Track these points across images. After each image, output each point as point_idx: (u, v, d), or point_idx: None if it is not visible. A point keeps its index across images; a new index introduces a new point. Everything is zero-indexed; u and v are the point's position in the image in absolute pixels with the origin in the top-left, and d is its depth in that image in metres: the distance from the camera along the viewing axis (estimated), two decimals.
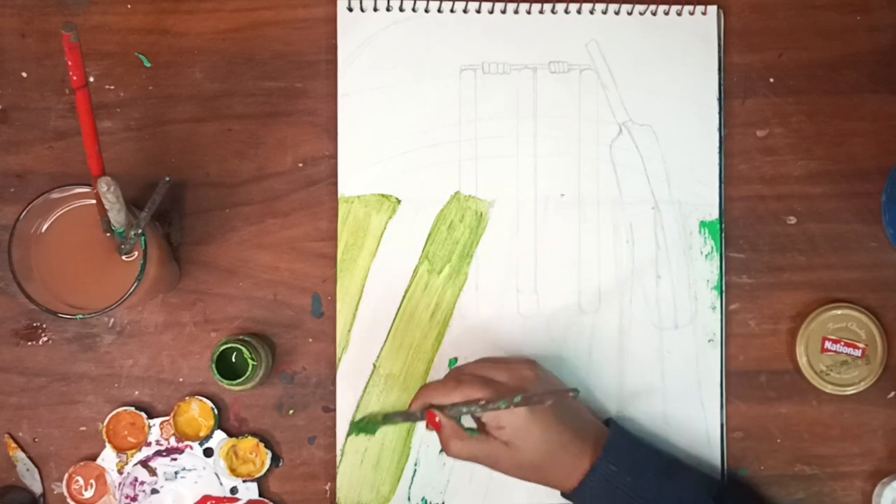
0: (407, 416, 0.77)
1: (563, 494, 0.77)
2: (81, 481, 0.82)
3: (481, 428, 0.75)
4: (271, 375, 0.83)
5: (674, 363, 0.83)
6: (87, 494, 0.81)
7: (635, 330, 0.83)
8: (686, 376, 0.83)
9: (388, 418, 0.80)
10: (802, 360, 0.83)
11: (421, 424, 0.82)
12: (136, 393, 0.83)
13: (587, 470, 0.74)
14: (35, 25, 0.84)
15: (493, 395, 0.72)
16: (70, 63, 0.64)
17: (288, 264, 0.83)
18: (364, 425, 0.81)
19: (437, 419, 0.74)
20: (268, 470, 0.82)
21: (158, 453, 0.82)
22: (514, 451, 0.74)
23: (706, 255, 0.84)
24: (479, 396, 0.72)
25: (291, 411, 0.83)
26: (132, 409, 0.82)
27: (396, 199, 0.83)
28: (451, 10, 0.84)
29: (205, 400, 0.82)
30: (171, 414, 0.82)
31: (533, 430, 0.73)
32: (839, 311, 0.83)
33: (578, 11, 0.85)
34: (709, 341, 0.84)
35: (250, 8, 0.84)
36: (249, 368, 0.78)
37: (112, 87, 0.84)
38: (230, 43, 0.84)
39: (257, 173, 0.84)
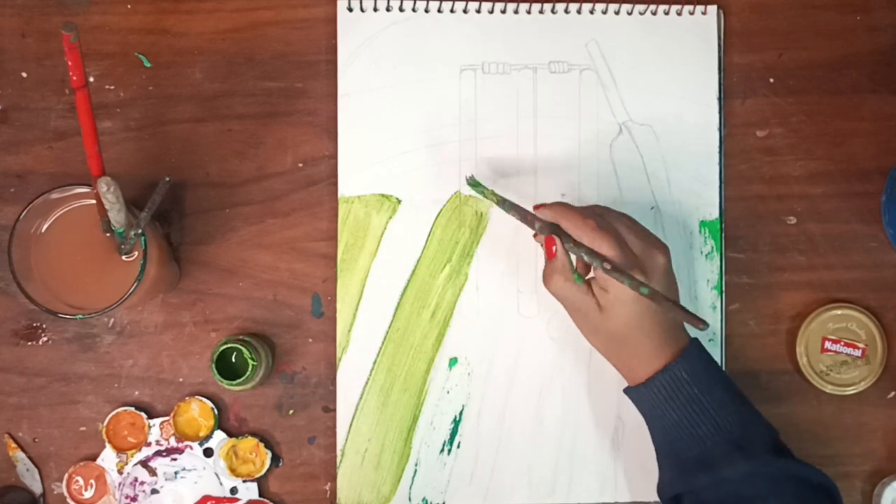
0: (524, 215, 0.75)
1: (626, 389, 0.76)
2: (81, 481, 0.82)
3: (585, 275, 0.75)
4: (271, 375, 0.83)
5: None
6: (87, 494, 0.81)
7: None
8: None
9: (504, 202, 0.76)
10: (802, 361, 0.83)
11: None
12: (136, 393, 0.83)
13: (659, 368, 0.74)
14: (35, 25, 0.84)
15: (622, 261, 0.72)
16: (70, 63, 0.64)
17: (288, 264, 0.83)
18: (478, 187, 0.77)
19: (554, 248, 0.74)
20: (268, 470, 0.82)
21: (158, 453, 0.82)
22: (605, 318, 0.74)
23: (706, 255, 0.84)
24: (609, 255, 0.72)
25: (291, 411, 0.83)
26: (132, 409, 0.82)
27: (396, 199, 0.83)
28: (451, 10, 0.84)
29: (205, 400, 0.82)
30: (171, 414, 0.82)
31: (632, 310, 0.73)
32: (839, 312, 0.83)
33: (578, 11, 0.85)
34: (709, 341, 0.84)
35: (250, 8, 0.84)
36: (249, 368, 0.78)
37: (112, 88, 0.84)
38: (230, 43, 0.84)
39: (257, 173, 0.84)
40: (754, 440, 0.73)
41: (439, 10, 0.84)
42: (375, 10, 0.84)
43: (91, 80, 0.83)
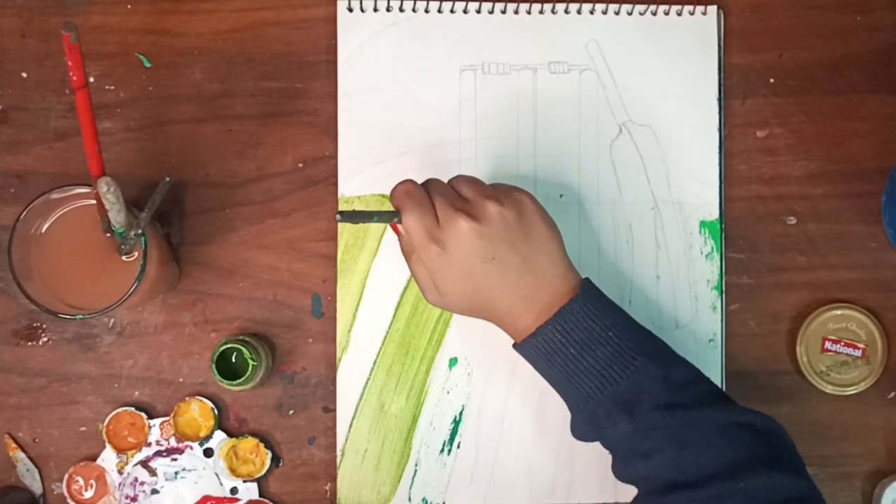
0: (392, 215, 0.73)
1: (513, 345, 0.74)
2: (81, 481, 0.82)
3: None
4: (271, 376, 0.83)
5: None
6: (88, 495, 0.81)
7: None
8: None
9: (375, 216, 0.74)
10: (802, 361, 0.83)
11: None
12: (136, 393, 0.83)
13: (532, 330, 0.71)
14: (35, 26, 0.84)
15: (419, 238, 0.71)
16: (70, 63, 0.64)
17: (288, 265, 0.83)
18: (350, 215, 0.75)
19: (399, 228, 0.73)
20: (268, 470, 0.82)
21: (158, 453, 0.82)
22: (443, 297, 0.72)
23: (706, 256, 0.84)
24: (410, 231, 0.71)
25: (291, 411, 0.83)
26: (132, 409, 0.82)
27: None
28: (451, 11, 0.84)
29: (205, 400, 0.82)
30: (171, 414, 0.82)
31: (469, 244, 0.70)
32: (839, 312, 0.83)
33: (578, 11, 0.85)
34: (709, 341, 0.84)
35: (250, 8, 0.84)
36: (249, 369, 0.78)
37: (112, 88, 0.84)
38: (230, 43, 0.84)
39: (257, 173, 0.84)
40: (642, 398, 0.69)
41: (439, 11, 0.84)
42: (375, 10, 0.84)
43: (91, 80, 0.83)
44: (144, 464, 0.82)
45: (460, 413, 0.83)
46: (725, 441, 0.68)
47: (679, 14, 0.85)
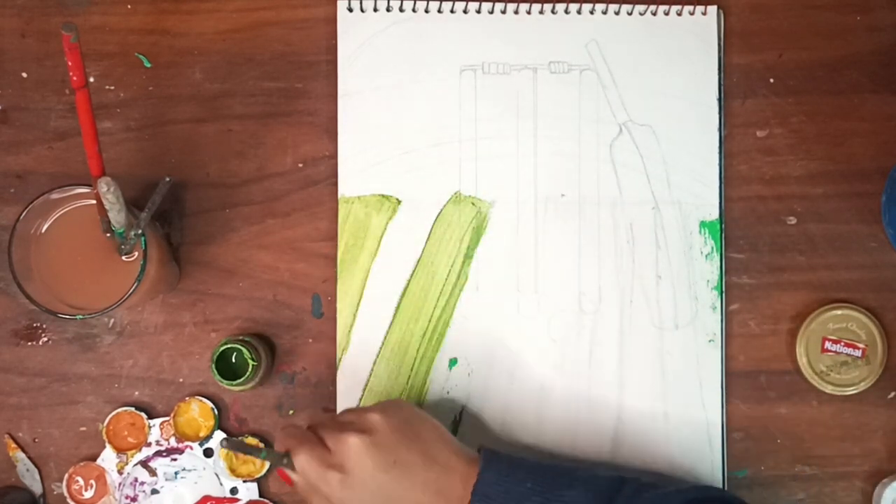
0: (281, 457, 0.72)
1: None
2: (81, 481, 0.82)
3: None
4: (271, 376, 0.83)
5: (674, 363, 0.83)
6: (88, 495, 0.81)
7: (635, 330, 0.83)
8: (686, 377, 0.83)
9: (264, 452, 0.73)
10: (802, 361, 0.83)
11: None
12: (136, 393, 0.83)
13: None
14: (35, 26, 0.84)
15: (316, 472, 0.70)
16: (70, 63, 0.64)
17: (288, 265, 0.83)
18: (237, 444, 0.73)
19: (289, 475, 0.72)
20: (268, 470, 0.82)
21: (158, 453, 0.82)
22: (353, 486, 0.70)
23: (706, 256, 0.84)
24: (304, 470, 0.70)
25: (291, 412, 0.83)
26: (132, 409, 0.82)
27: (397, 199, 0.83)
28: (451, 11, 0.84)
29: (205, 400, 0.82)
30: (171, 414, 0.82)
31: (366, 457, 0.70)
32: (839, 312, 0.83)
33: (578, 11, 0.85)
34: (709, 341, 0.84)
35: (250, 8, 0.84)
36: (249, 369, 0.78)
37: (112, 88, 0.84)
38: (230, 43, 0.84)
39: (257, 173, 0.84)
40: None
41: (439, 11, 0.84)
42: (375, 10, 0.84)
43: (91, 80, 0.83)
44: (144, 464, 0.82)
45: (460, 413, 0.83)
46: None
47: (679, 14, 0.85)
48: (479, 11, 0.84)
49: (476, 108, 0.84)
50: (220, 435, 0.82)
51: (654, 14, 0.85)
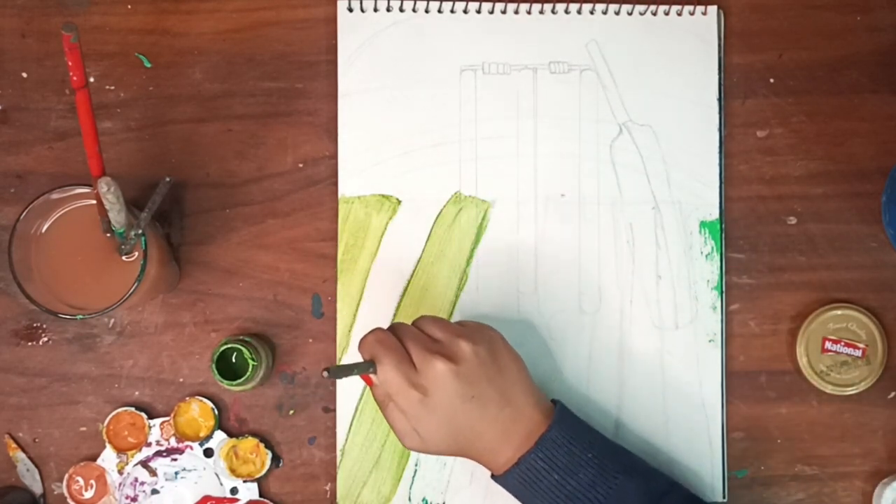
0: (368, 365, 0.73)
1: (492, 476, 0.75)
2: (81, 482, 0.82)
3: None
4: (271, 376, 0.83)
5: (674, 363, 0.83)
6: (88, 495, 0.81)
7: (636, 330, 0.83)
8: (686, 377, 0.83)
9: (356, 368, 0.73)
10: (803, 361, 0.83)
11: None
12: (137, 393, 0.83)
13: (514, 461, 0.72)
14: (35, 26, 0.84)
15: (398, 385, 0.71)
16: (70, 63, 0.64)
17: (288, 265, 0.83)
18: (336, 370, 0.73)
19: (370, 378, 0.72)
20: (268, 470, 0.82)
21: (159, 454, 0.82)
22: (423, 441, 0.72)
23: (706, 256, 0.84)
24: (387, 380, 0.71)
25: (292, 412, 0.83)
26: (132, 409, 0.82)
27: (397, 199, 0.83)
28: (452, 11, 0.84)
29: (205, 400, 0.82)
30: (172, 414, 0.82)
31: (450, 385, 0.71)
32: (839, 312, 0.83)
33: (578, 11, 0.85)
34: (709, 341, 0.84)
35: (250, 8, 0.84)
36: (249, 369, 0.78)
37: (112, 88, 0.84)
38: (230, 43, 0.84)
39: (257, 174, 0.84)
40: None
41: (439, 11, 0.84)
42: (376, 10, 0.84)
43: (91, 80, 0.83)
44: (144, 464, 0.82)
45: None
46: None
47: (679, 14, 0.85)
48: (479, 11, 0.84)
49: (476, 109, 0.84)
50: (220, 435, 0.82)
51: (655, 14, 0.85)
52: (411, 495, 0.82)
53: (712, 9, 0.85)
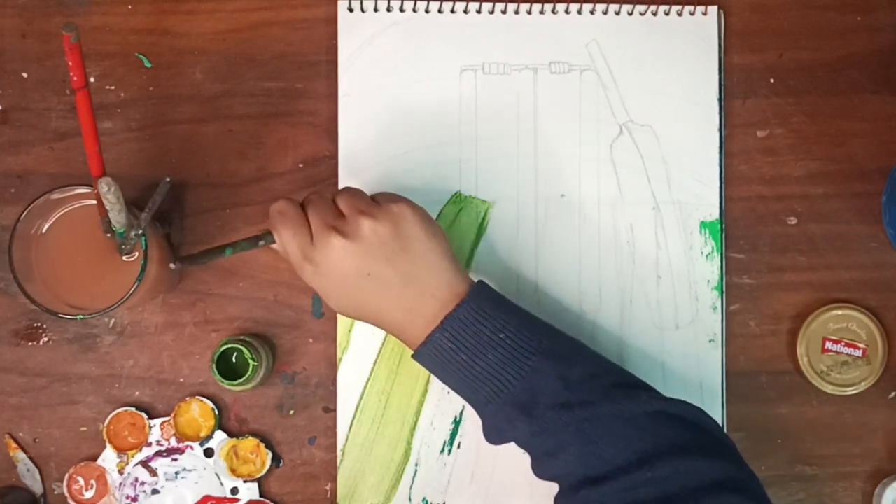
0: (257, 239, 0.74)
1: (413, 355, 0.73)
2: (82, 482, 0.82)
3: None
4: (272, 376, 0.83)
5: (674, 364, 0.83)
6: (88, 495, 0.81)
7: (636, 330, 0.83)
8: (687, 377, 0.83)
9: (229, 248, 0.74)
10: (803, 361, 0.83)
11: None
12: (137, 393, 0.83)
13: (422, 340, 0.71)
14: (36, 26, 0.84)
15: (294, 256, 0.72)
16: (71, 63, 0.64)
17: (288, 265, 0.83)
18: (191, 258, 0.74)
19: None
20: (268, 470, 0.82)
21: (159, 454, 0.82)
22: (325, 280, 0.72)
23: (707, 256, 0.84)
24: (286, 249, 0.72)
25: (292, 412, 0.83)
26: (133, 409, 0.82)
27: None
28: (452, 11, 0.84)
29: (205, 400, 0.82)
30: (172, 414, 0.82)
31: (341, 261, 0.71)
32: (840, 312, 0.83)
33: (579, 11, 0.85)
34: (709, 342, 0.84)
35: (251, 8, 0.84)
36: (250, 369, 0.78)
37: (113, 88, 0.84)
38: (231, 43, 0.84)
39: (258, 174, 0.84)
40: (538, 399, 0.69)
41: (439, 11, 0.84)
42: (376, 10, 0.84)
43: (92, 80, 0.83)
44: (145, 464, 0.82)
45: (461, 413, 0.83)
46: (633, 431, 0.68)
47: (679, 14, 0.85)
48: (479, 11, 0.84)
49: (476, 108, 0.84)
50: (220, 435, 0.82)
51: (655, 14, 0.85)
52: (411, 495, 0.82)
53: (712, 9, 0.85)
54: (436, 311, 0.71)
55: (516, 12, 0.85)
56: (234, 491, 0.82)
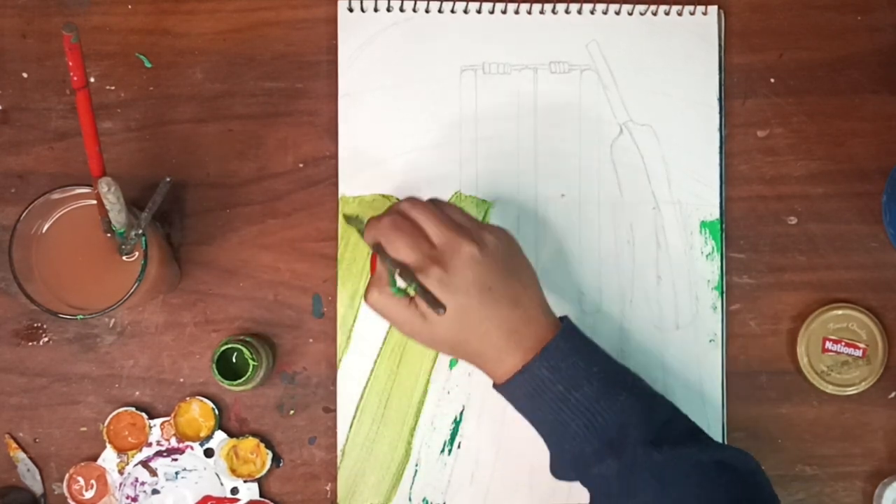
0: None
1: (494, 385, 0.73)
2: (82, 482, 0.82)
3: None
4: (272, 376, 0.83)
5: (675, 364, 0.83)
6: (88, 495, 0.81)
7: (636, 330, 0.83)
8: (687, 377, 0.83)
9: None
10: (803, 361, 0.83)
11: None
12: (137, 393, 0.83)
13: (517, 367, 0.70)
14: (36, 26, 0.84)
15: (416, 259, 0.69)
16: (71, 63, 0.64)
17: (288, 265, 0.83)
18: (353, 220, 0.77)
19: (377, 263, 0.71)
20: (268, 470, 0.82)
21: (159, 454, 0.82)
22: (432, 327, 0.70)
23: (707, 256, 0.84)
24: (403, 256, 0.69)
25: (292, 412, 0.83)
26: (133, 409, 0.82)
27: (397, 199, 0.83)
28: (452, 11, 0.84)
29: (205, 400, 0.82)
30: (172, 414, 0.82)
31: (472, 269, 0.69)
32: (840, 312, 0.83)
33: (579, 11, 0.85)
34: (710, 342, 0.84)
35: (251, 8, 0.84)
36: (250, 369, 0.78)
37: (113, 88, 0.84)
38: (231, 43, 0.84)
39: (258, 174, 0.84)
40: (628, 435, 0.69)
41: (439, 11, 0.84)
42: (376, 10, 0.84)
43: (92, 80, 0.83)
44: (145, 464, 0.82)
45: (461, 413, 0.83)
46: (706, 481, 0.69)
47: (680, 14, 0.85)
48: (479, 11, 0.84)
49: (476, 109, 0.84)
50: (220, 435, 0.82)
51: (655, 14, 0.85)
52: (411, 495, 0.82)
53: (713, 9, 0.85)
54: (536, 338, 0.71)
55: (516, 12, 0.85)
56: (235, 491, 0.82)
